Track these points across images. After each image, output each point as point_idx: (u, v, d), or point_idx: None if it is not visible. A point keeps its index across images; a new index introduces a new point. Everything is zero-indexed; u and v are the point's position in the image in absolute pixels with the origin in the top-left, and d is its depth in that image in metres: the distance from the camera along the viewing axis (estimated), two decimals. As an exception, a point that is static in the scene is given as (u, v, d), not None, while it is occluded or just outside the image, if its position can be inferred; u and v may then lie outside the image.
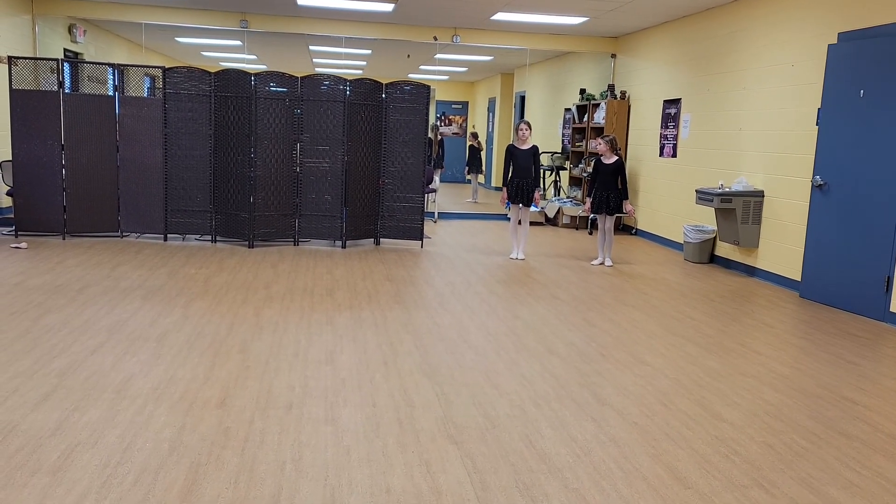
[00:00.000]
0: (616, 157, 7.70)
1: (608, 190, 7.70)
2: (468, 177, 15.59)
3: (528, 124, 7.77)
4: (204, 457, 2.97)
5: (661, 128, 9.66)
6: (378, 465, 2.98)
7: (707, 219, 8.39)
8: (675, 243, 9.15)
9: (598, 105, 11.09)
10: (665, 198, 9.54)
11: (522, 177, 7.80)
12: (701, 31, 8.75)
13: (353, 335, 4.83)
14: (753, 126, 7.61)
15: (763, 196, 7.36)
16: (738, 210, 7.35)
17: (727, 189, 7.55)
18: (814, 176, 6.46)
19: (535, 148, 7.83)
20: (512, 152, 7.81)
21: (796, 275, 6.87)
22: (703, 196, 7.63)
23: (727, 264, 8.03)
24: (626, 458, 3.15)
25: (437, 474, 2.92)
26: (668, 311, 5.87)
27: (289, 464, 2.94)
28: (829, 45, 6.33)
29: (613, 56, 11.27)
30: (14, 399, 3.46)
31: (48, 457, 2.90)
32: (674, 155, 9.32)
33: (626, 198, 7.80)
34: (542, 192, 7.77)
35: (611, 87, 10.95)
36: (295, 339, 4.66)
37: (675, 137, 9.27)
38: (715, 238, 8.22)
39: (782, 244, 7.09)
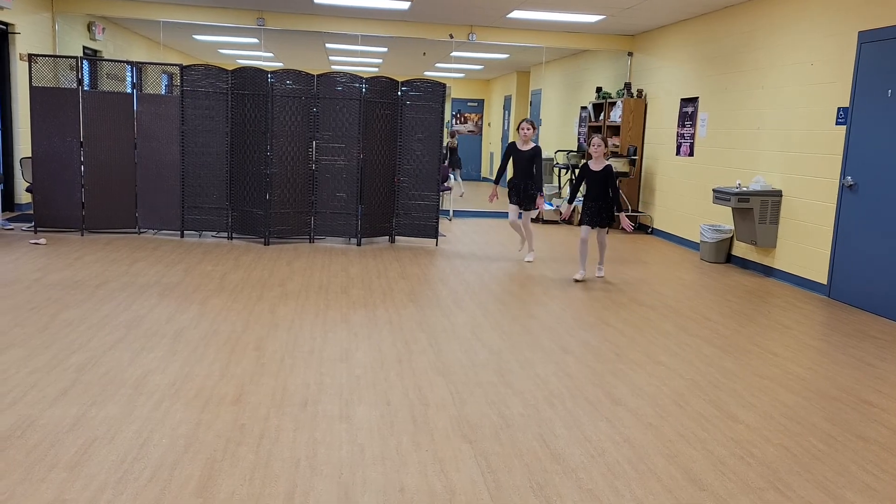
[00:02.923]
0: (607, 163, 6.77)
1: (599, 200, 6.76)
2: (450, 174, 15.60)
3: (532, 123, 7.35)
4: (219, 453, 2.99)
5: (678, 126, 9.60)
6: (392, 463, 2.98)
7: (724, 218, 8.33)
8: (692, 243, 9.10)
9: (614, 103, 11.03)
10: (681, 197, 9.48)
11: (521, 178, 7.42)
12: (719, 30, 8.68)
13: (368, 333, 4.84)
14: (771, 125, 7.54)
15: (781, 196, 7.30)
16: (756, 209, 7.29)
17: (745, 188, 7.49)
18: (844, 176, 6.39)
19: (536, 149, 7.37)
20: (511, 151, 7.45)
21: (816, 275, 6.81)
22: (721, 195, 7.58)
23: (744, 264, 7.97)
24: (640, 459, 3.14)
25: (450, 473, 2.92)
26: (684, 312, 5.84)
27: (303, 461, 2.96)
28: (859, 44, 6.25)
29: (630, 54, 11.21)
30: (33, 394, 3.50)
31: (66, 451, 2.93)
32: (690, 154, 9.26)
33: (621, 209, 6.99)
34: (544, 196, 6.95)
35: (627, 86, 10.89)
36: (310, 337, 4.68)
37: (692, 136, 9.21)
38: (732, 238, 8.16)
39: (801, 244, 7.03)
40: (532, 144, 7.42)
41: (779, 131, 7.42)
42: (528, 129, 7.32)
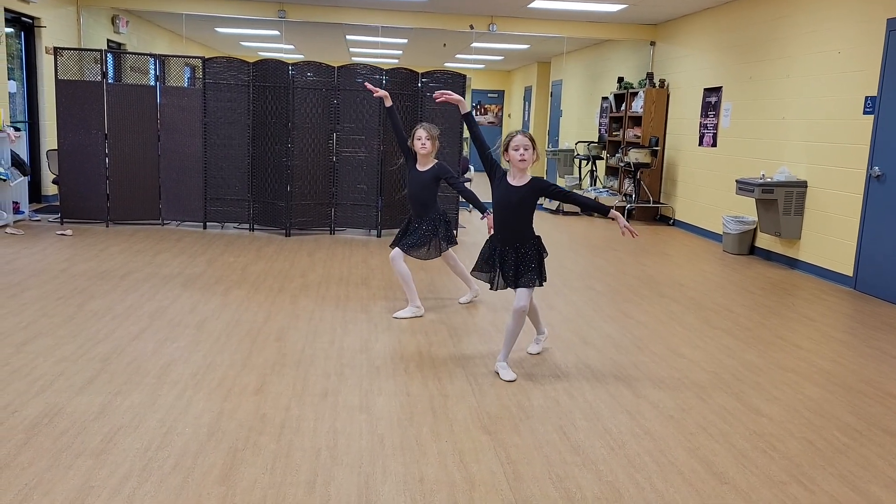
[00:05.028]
0: (530, 177, 3.92)
1: (515, 235, 3.97)
2: None
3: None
4: (241, 442, 3.02)
5: (701, 117, 9.49)
6: (412, 453, 3.00)
7: (747, 209, 8.24)
8: (714, 234, 9.01)
9: (636, 94, 10.94)
10: (704, 188, 9.38)
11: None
12: (743, 18, 8.56)
13: (388, 324, 4.85)
14: (797, 115, 7.43)
15: (806, 186, 7.20)
16: (780, 200, 7.20)
17: (769, 179, 7.40)
18: (871, 167, 6.29)
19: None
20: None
21: (841, 267, 6.71)
22: (744, 186, 7.49)
23: (768, 256, 7.88)
24: (661, 452, 3.12)
25: (470, 464, 2.93)
26: (706, 304, 5.79)
27: (324, 451, 2.98)
28: (888, 31, 6.13)
29: (652, 44, 11.09)
30: (60, 382, 3.56)
31: (92, 439, 2.98)
32: (714, 144, 9.16)
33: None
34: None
35: (649, 76, 10.79)
36: (331, 328, 4.71)
37: (716, 126, 9.10)
38: (755, 229, 8.06)
39: (826, 236, 6.93)
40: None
41: (804, 121, 7.31)
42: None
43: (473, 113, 21.09)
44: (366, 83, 5.60)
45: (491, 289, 4.07)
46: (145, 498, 2.56)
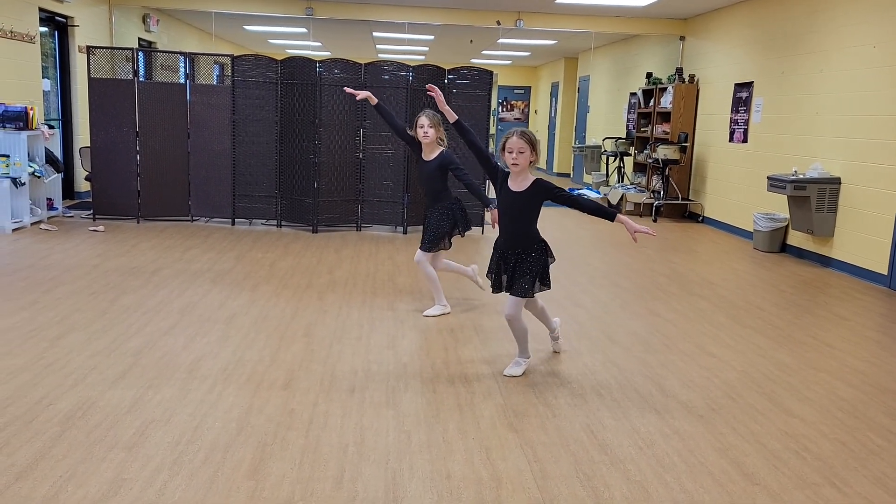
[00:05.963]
0: (532, 179, 3.73)
1: (518, 239, 3.83)
2: None
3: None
4: (270, 437, 3.05)
5: (732, 112, 9.36)
6: (438, 450, 3.00)
7: (779, 206, 8.11)
8: (745, 231, 8.88)
9: (664, 89, 10.82)
10: (734, 184, 9.26)
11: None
12: (776, 12, 8.42)
13: (414, 321, 4.86)
14: (831, 110, 7.30)
15: (840, 183, 7.07)
16: (813, 197, 7.08)
17: (801, 175, 7.28)
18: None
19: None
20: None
21: (876, 265, 6.58)
22: (776, 183, 7.38)
23: (799, 254, 7.75)
24: (690, 452, 3.09)
25: (496, 461, 2.93)
26: (737, 302, 5.71)
27: (351, 446, 3.00)
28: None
29: (682, 38, 10.96)
30: (93, 376, 3.62)
31: (124, 433, 3.02)
32: (744, 140, 9.03)
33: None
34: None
35: (679, 71, 10.66)
36: (357, 324, 4.73)
37: (747, 122, 8.97)
38: (787, 226, 7.94)
39: (861, 233, 6.80)
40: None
41: (838, 117, 7.17)
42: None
43: (500, 110, 20.99)
44: (345, 88, 5.45)
45: (493, 292, 3.97)
46: (176, 491, 2.59)
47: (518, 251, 3.81)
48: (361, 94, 4.87)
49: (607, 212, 3.70)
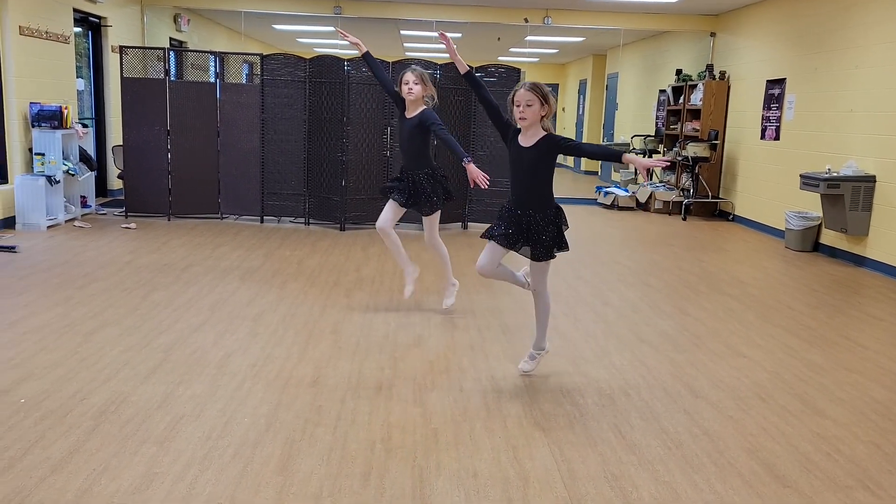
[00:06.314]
0: (543, 134, 3.58)
1: (530, 199, 3.63)
2: None
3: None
4: (298, 433, 3.07)
5: (763, 109, 9.22)
6: (465, 448, 3.00)
7: (811, 205, 7.98)
8: (776, 230, 8.75)
9: (694, 86, 10.70)
10: (766, 182, 9.12)
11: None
12: (808, 7, 8.27)
13: (441, 319, 4.87)
14: (866, 107, 7.15)
15: (874, 181, 6.93)
16: (847, 196, 6.95)
17: (835, 173, 7.15)
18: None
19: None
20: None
21: (910, 265, 6.45)
22: (809, 181, 7.26)
23: (832, 253, 7.62)
24: (720, 453, 3.05)
25: (524, 461, 2.92)
26: (768, 301, 5.63)
27: (378, 444, 3.01)
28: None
29: (713, 35, 10.82)
30: (126, 371, 3.68)
31: (156, 427, 3.07)
32: (776, 138, 8.89)
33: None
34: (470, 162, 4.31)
35: (709, 68, 10.53)
36: (384, 322, 4.75)
37: (779, 119, 8.83)
38: (820, 225, 7.80)
39: None
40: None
41: (874, 114, 7.03)
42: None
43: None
44: (339, 30, 5.36)
45: (484, 237, 3.68)
46: (206, 486, 2.63)
47: (530, 212, 3.59)
48: (352, 39, 4.86)
49: (614, 153, 3.61)
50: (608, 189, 11.30)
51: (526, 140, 3.59)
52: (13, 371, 3.62)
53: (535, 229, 3.59)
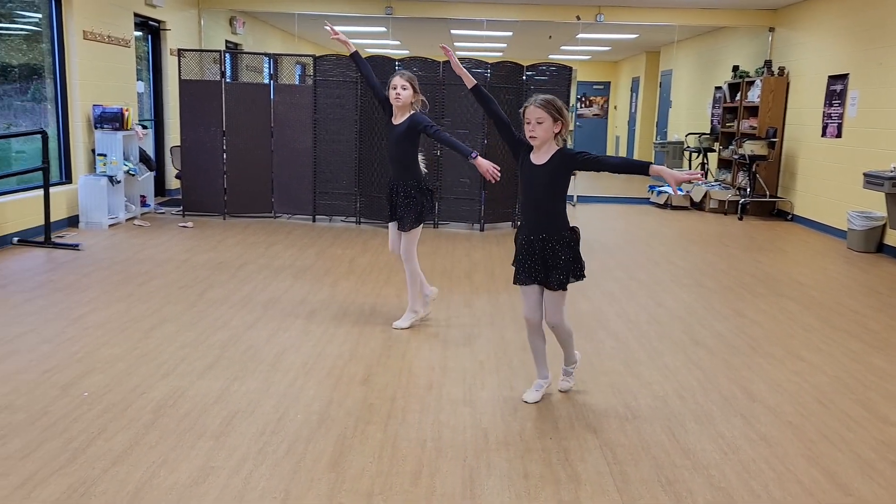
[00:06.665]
0: (556, 150, 3.33)
1: (542, 223, 3.36)
2: None
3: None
4: (350, 430, 3.10)
5: (825, 106, 8.94)
6: (516, 449, 2.99)
7: (875, 204, 7.70)
8: (837, 230, 8.47)
9: (752, 83, 10.43)
10: (827, 181, 8.84)
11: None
12: (873, 0, 7.99)
13: (491, 318, 4.86)
14: (934, 102, 6.87)
15: (943, 180, 6.65)
16: (913, 195, 6.68)
17: (900, 172, 6.88)
18: None
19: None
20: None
21: (982, 267, 6.17)
22: (873, 180, 7.01)
23: (898, 254, 7.34)
24: (778, 459, 2.97)
25: (575, 462, 2.89)
26: (828, 304, 5.46)
27: (429, 442, 3.02)
28: None
29: (771, 30, 10.53)
30: (183, 367, 3.77)
31: (212, 422, 3.14)
32: (838, 135, 8.61)
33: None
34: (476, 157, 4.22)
35: (767, 63, 10.26)
36: (434, 321, 4.76)
37: (841, 116, 8.55)
38: (884, 225, 7.52)
39: (965, 233, 6.39)
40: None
41: (942, 109, 6.74)
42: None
43: (578, 106, 20.70)
44: (327, 25, 4.94)
45: (514, 283, 3.45)
46: (261, 480, 2.67)
47: (543, 236, 3.32)
48: (342, 37, 4.53)
49: (639, 165, 3.23)
50: (662, 188, 11.11)
51: (538, 158, 3.33)
52: (77, 365, 3.74)
53: (550, 255, 3.32)
